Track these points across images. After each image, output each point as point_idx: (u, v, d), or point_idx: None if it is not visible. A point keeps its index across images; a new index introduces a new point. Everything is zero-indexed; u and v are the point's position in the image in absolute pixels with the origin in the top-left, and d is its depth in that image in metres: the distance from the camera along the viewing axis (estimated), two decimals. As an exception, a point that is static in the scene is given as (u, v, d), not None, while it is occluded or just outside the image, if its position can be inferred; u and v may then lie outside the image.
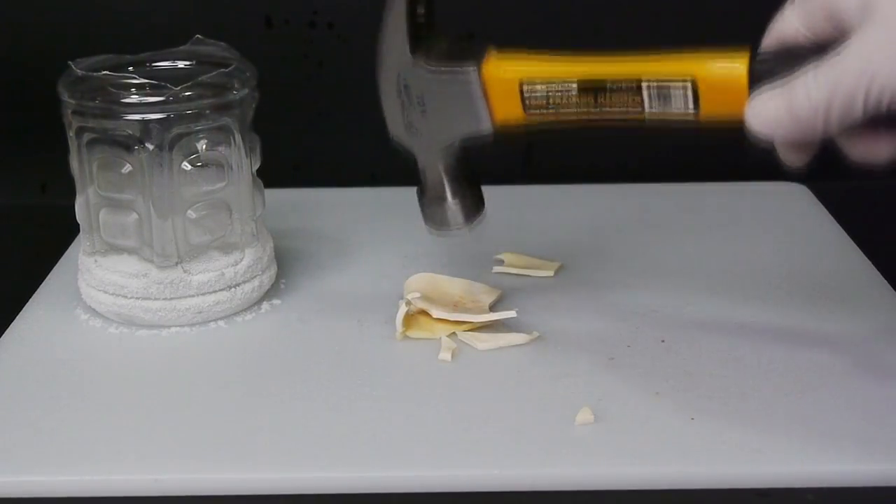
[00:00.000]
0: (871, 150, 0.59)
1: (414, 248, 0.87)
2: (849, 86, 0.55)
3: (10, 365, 0.72)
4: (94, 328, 0.77)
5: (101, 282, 0.76)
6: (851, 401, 0.66)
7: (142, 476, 0.61)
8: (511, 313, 0.74)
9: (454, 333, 0.74)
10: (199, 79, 0.73)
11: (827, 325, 0.75)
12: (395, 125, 0.71)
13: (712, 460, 0.62)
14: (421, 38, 0.68)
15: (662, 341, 0.73)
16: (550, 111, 0.64)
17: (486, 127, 0.67)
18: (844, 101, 0.55)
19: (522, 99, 0.65)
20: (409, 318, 0.75)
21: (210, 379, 0.70)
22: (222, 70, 0.74)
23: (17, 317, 0.78)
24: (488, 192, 0.98)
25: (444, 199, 0.72)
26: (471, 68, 0.66)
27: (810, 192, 0.97)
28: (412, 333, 0.74)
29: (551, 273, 0.83)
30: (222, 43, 0.78)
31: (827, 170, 1.02)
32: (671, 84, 0.61)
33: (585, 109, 0.64)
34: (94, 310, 0.77)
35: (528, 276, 0.83)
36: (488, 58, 0.66)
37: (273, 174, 0.81)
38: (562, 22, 1.03)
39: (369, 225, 0.92)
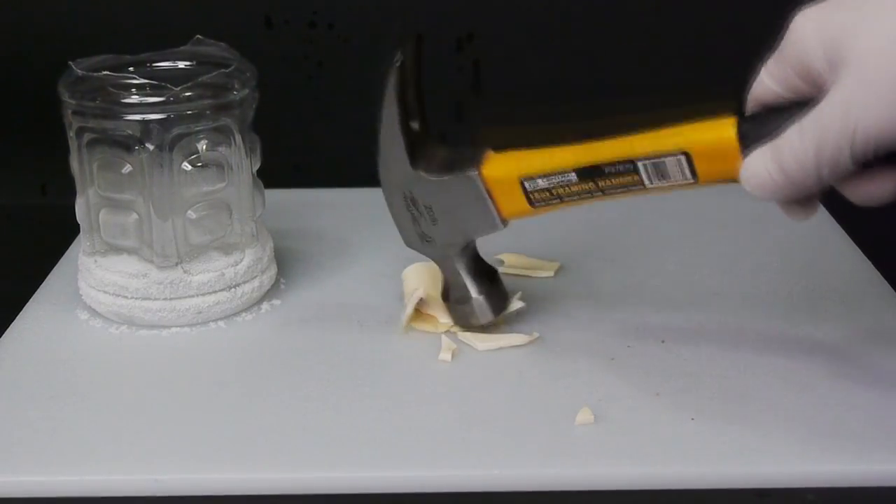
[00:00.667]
0: (871, 192, 0.59)
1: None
2: (833, 139, 0.56)
3: (10, 365, 0.72)
4: (95, 328, 0.77)
5: (102, 282, 0.76)
6: (851, 401, 0.66)
7: (142, 476, 0.61)
8: (520, 304, 0.75)
9: (454, 333, 0.74)
10: (199, 79, 0.73)
11: (827, 325, 0.75)
12: (410, 237, 0.73)
13: (712, 460, 0.62)
14: (418, 149, 0.70)
15: (662, 341, 0.73)
16: (555, 201, 0.66)
17: (497, 225, 0.69)
18: (831, 154, 0.56)
19: (526, 194, 0.67)
20: (413, 313, 0.75)
21: (210, 379, 0.70)
22: (222, 70, 0.74)
23: (17, 317, 0.78)
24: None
25: (468, 297, 0.73)
26: (473, 172, 0.68)
27: (810, 192, 0.96)
28: (416, 325, 0.75)
29: (551, 273, 0.83)
30: (222, 43, 0.78)
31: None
32: (665, 159, 0.62)
33: (588, 193, 0.65)
34: (94, 310, 0.78)
35: (528, 276, 0.83)
36: (487, 159, 0.68)
37: (273, 174, 0.81)
38: (559, 27, 1.03)
39: (369, 225, 0.92)
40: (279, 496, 0.61)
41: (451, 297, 0.74)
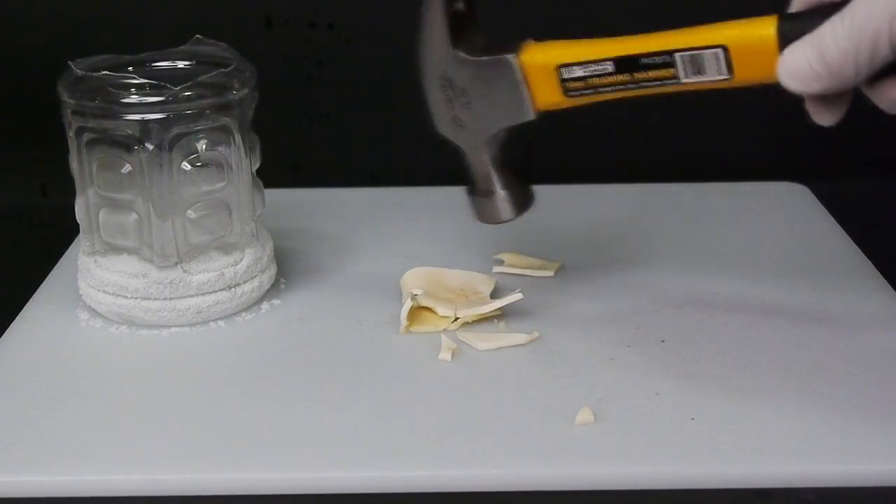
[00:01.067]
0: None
1: (414, 248, 0.87)
2: (874, 25, 0.56)
3: (10, 365, 0.72)
4: (95, 328, 0.77)
5: (101, 282, 0.76)
6: (851, 401, 0.66)
7: (142, 476, 0.61)
8: (518, 295, 0.75)
9: (454, 333, 0.74)
10: (199, 79, 0.73)
11: (827, 325, 0.75)
12: (442, 121, 0.72)
13: (712, 460, 0.62)
14: (461, 32, 0.70)
15: (662, 341, 0.73)
16: (588, 92, 0.66)
17: (529, 113, 0.69)
18: (871, 41, 0.56)
19: (561, 82, 0.67)
20: (413, 313, 0.75)
21: (210, 379, 0.70)
22: (222, 70, 0.74)
23: (17, 317, 0.78)
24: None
25: (493, 191, 0.73)
26: (511, 56, 0.68)
27: (810, 192, 0.97)
28: (416, 328, 0.75)
29: (551, 273, 0.83)
30: (222, 43, 0.78)
31: (827, 170, 1.02)
32: (703, 52, 0.62)
33: (623, 86, 0.65)
34: (94, 310, 0.78)
35: (528, 276, 0.83)
36: (526, 46, 0.68)
37: (273, 174, 0.81)
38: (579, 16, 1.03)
39: (369, 225, 0.92)
40: (279, 496, 0.61)
41: (477, 188, 0.74)
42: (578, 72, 0.66)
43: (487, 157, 0.72)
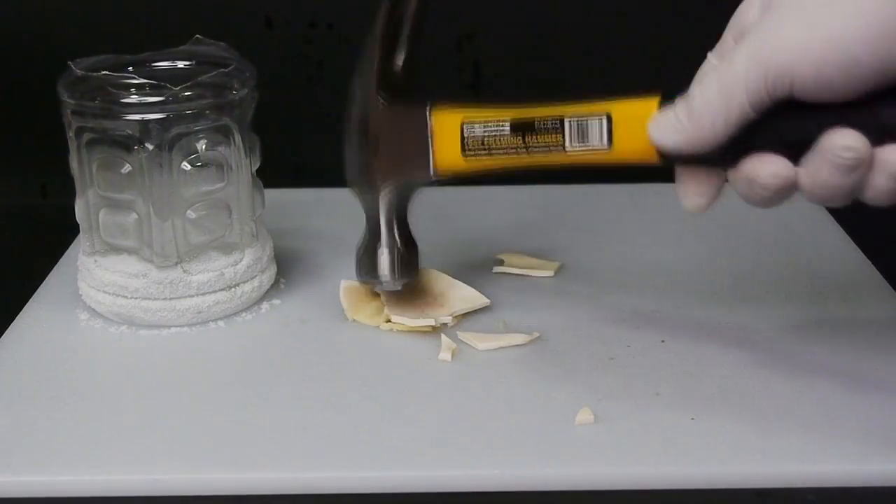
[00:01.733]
0: (755, 170, 0.60)
1: (414, 248, 0.87)
2: (737, 74, 0.57)
3: (10, 365, 0.72)
4: (95, 328, 0.77)
5: (101, 282, 0.76)
6: (851, 401, 0.66)
7: (142, 476, 0.61)
8: (429, 321, 0.75)
9: (454, 333, 0.74)
10: (199, 79, 0.73)
11: (827, 325, 0.75)
12: (352, 169, 0.74)
13: (712, 460, 0.62)
14: (390, 83, 0.72)
15: (662, 341, 0.73)
16: (483, 153, 0.69)
17: (429, 172, 0.71)
18: (734, 91, 0.57)
19: (462, 140, 0.70)
20: (359, 300, 0.77)
21: (210, 379, 0.70)
22: (222, 70, 0.74)
23: (17, 317, 0.78)
24: (488, 191, 0.98)
25: (378, 249, 0.75)
26: (424, 106, 0.71)
27: (810, 192, 0.96)
28: (359, 317, 0.76)
29: (551, 273, 0.83)
30: (222, 43, 0.78)
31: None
32: (589, 119, 0.66)
33: (514, 149, 0.69)
34: (94, 310, 0.78)
35: (528, 276, 0.83)
36: (439, 105, 0.71)
37: (273, 174, 0.81)
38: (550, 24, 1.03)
39: (369, 225, 0.92)
40: (279, 496, 0.61)
41: (364, 243, 0.75)
42: (478, 130, 0.69)
43: (383, 211, 0.74)
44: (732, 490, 0.61)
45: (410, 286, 0.76)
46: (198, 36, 0.78)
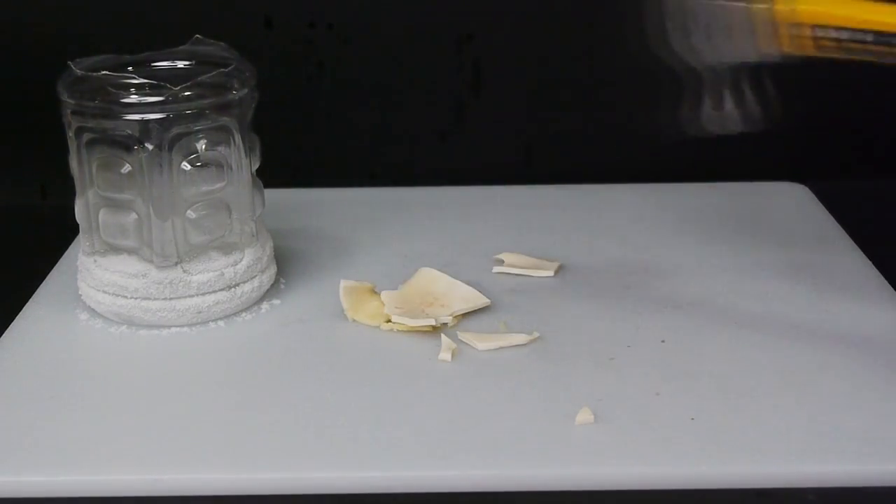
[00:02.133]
0: None
1: (414, 248, 0.87)
2: None
3: (10, 365, 0.72)
4: (95, 328, 0.77)
5: (101, 282, 0.76)
6: (851, 401, 0.66)
7: (142, 476, 0.61)
8: (429, 321, 0.74)
9: (454, 333, 0.74)
10: (199, 79, 0.73)
11: (827, 324, 0.75)
12: (682, 46, 0.69)
13: (712, 460, 0.62)
14: None
15: (662, 341, 0.73)
16: (843, 53, 0.63)
17: (772, 56, 0.66)
18: None
19: (815, 39, 0.63)
20: (359, 300, 0.77)
21: (210, 379, 0.70)
22: (222, 70, 0.74)
23: (17, 317, 0.78)
24: (488, 192, 0.99)
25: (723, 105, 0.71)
26: (766, 5, 0.65)
27: (810, 192, 0.97)
28: (359, 317, 0.76)
29: (551, 273, 0.83)
30: (222, 43, 0.78)
31: (827, 170, 1.02)
32: None
33: (888, 51, 0.61)
34: (94, 310, 0.78)
35: (528, 276, 0.83)
36: None
37: (273, 174, 0.81)
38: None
39: (369, 225, 0.92)
40: (279, 496, 0.61)
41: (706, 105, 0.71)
42: (834, 34, 0.62)
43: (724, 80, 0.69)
44: (732, 490, 0.61)
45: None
46: (198, 36, 0.78)
